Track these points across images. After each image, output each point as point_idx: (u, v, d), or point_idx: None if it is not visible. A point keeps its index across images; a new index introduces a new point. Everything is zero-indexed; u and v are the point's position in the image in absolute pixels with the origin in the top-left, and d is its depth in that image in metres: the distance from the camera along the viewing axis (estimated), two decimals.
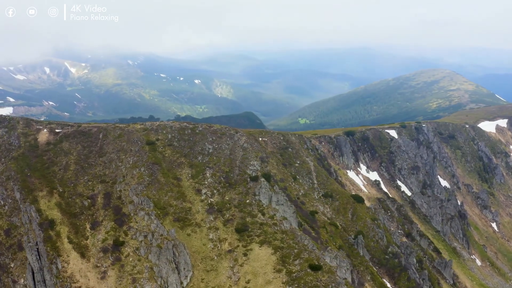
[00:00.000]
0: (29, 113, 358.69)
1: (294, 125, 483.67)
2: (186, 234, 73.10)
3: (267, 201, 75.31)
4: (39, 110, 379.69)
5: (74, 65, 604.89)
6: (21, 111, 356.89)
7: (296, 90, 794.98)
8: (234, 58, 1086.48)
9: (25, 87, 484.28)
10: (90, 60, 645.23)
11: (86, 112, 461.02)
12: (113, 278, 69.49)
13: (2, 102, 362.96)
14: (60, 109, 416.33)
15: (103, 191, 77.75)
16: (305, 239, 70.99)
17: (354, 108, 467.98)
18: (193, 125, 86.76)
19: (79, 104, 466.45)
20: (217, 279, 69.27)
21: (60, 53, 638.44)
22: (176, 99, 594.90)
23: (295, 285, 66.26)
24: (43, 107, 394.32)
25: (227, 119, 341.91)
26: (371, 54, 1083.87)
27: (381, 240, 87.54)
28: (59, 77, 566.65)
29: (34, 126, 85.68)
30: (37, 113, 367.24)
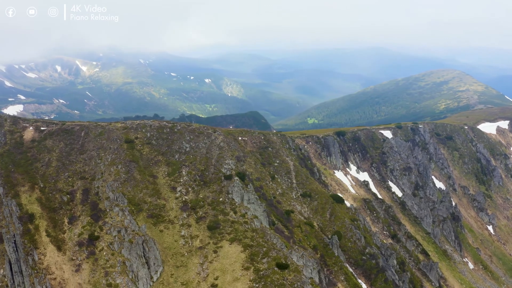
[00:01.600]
0: (39, 110, 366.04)
1: (302, 125, 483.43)
2: (159, 230, 74.72)
3: (240, 199, 76.49)
4: (49, 108, 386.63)
5: (85, 63, 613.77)
6: (31, 108, 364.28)
7: (307, 90, 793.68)
8: (246, 58, 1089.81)
9: (36, 85, 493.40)
10: (101, 59, 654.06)
11: (96, 110, 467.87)
12: (87, 271, 71.46)
13: (12, 100, 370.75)
14: (70, 107, 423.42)
15: (82, 187, 79.87)
16: (274, 237, 71.94)
17: (363, 108, 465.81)
18: (172, 124, 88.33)
19: (90, 102, 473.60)
20: (186, 275, 70.71)
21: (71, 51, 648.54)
22: (185, 98, 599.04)
23: (261, 283, 67.31)
24: (53, 105, 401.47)
25: (232, 118, 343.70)
26: (384, 54, 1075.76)
27: (359, 241, 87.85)
28: (70, 76, 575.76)
29: (21, 124, 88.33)
30: (47, 111, 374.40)
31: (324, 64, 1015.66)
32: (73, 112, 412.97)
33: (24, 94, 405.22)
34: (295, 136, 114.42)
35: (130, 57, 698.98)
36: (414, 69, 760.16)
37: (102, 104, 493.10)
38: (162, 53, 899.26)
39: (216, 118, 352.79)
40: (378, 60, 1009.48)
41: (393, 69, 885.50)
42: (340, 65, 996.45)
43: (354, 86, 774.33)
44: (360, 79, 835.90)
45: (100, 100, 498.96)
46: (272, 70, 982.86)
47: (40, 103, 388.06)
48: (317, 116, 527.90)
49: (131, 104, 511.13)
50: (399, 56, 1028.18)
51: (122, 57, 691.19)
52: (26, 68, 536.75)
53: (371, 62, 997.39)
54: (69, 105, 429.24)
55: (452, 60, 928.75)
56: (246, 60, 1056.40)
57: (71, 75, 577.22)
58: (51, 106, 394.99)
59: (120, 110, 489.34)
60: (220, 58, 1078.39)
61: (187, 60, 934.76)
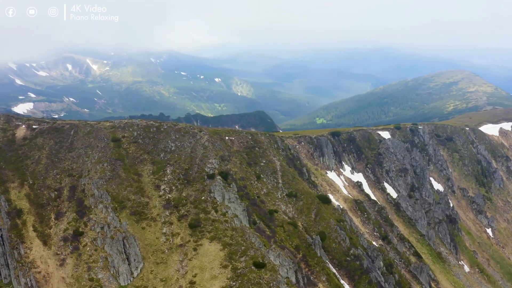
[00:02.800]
0: (49, 108, 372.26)
1: (310, 125, 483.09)
2: (141, 228, 76.16)
3: (221, 198, 77.52)
4: (59, 106, 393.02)
5: (96, 62, 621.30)
6: (42, 106, 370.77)
7: (317, 90, 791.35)
8: (256, 57, 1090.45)
9: (47, 83, 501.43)
10: (112, 58, 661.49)
11: (106, 108, 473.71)
12: (70, 266, 73.33)
13: (23, 98, 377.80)
14: (80, 105, 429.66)
15: (69, 184, 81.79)
16: (252, 237, 72.81)
17: (371, 109, 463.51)
18: (159, 123, 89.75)
19: (99, 101, 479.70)
20: (165, 272, 72.02)
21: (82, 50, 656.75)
22: (195, 97, 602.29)
23: (238, 281, 68.31)
24: (63, 103, 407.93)
25: (238, 117, 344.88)
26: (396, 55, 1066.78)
27: (343, 242, 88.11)
28: (80, 74, 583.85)
29: (14, 122, 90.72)
30: (57, 109, 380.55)
31: (335, 64, 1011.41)
32: (82, 110, 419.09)
33: (34, 92, 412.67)
34: (286, 136, 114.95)
35: (140, 56, 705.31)
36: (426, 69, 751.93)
37: (112, 103, 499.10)
38: (173, 52, 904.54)
39: (222, 117, 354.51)
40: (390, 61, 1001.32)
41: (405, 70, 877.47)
42: (352, 65, 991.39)
43: (365, 86, 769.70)
44: (371, 79, 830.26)
45: (110, 99, 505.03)
46: (283, 69, 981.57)
47: (50, 101, 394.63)
48: (325, 116, 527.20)
49: (140, 103, 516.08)
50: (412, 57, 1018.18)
51: (133, 56, 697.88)
52: (37, 67, 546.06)
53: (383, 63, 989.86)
54: (79, 103, 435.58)
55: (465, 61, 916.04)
56: (256, 60, 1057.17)
57: (81, 73, 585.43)
58: (61, 104, 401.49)
59: (129, 108, 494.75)
60: (231, 58, 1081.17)
61: (197, 59, 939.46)
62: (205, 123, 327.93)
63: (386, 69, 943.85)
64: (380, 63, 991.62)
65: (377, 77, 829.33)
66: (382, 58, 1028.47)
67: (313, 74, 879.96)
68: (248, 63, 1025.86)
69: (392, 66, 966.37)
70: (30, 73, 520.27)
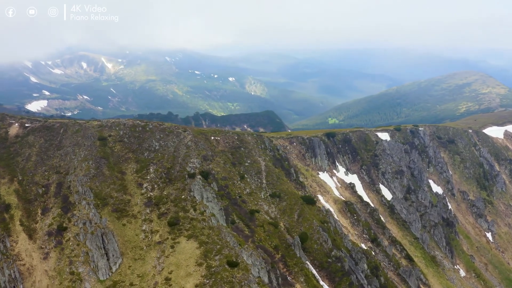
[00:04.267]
0: (63, 106, 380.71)
1: (322, 125, 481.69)
2: (122, 224, 78.16)
3: (200, 197, 78.95)
4: (73, 104, 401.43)
5: (111, 60, 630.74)
6: (55, 104, 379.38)
7: (331, 90, 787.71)
8: (271, 57, 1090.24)
9: (62, 81, 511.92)
10: (127, 56, 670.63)
11: (120, 107, 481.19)
12: (53, 259, 75.81)
13: (37, 95, 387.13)
14: (93, 103, 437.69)
15: (56, 181, 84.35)
16: (228, 236, 74.02)
17: (384, 109, 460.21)
18: (145, 123, 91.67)
19: (113, 99, 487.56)
20: (143, 268, 73.82)
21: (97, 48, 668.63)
22: (208, 96, 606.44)
23: (212, 279, 69.68)
24: (77, 101, 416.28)
25: (246, 117, 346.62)
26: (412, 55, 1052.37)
27: (325, 243, 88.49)
28: (95, 72, 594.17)
29: (8, 120, 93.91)
30: (70, 107, 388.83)
31: (350, 63, 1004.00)
32: (96, 108, 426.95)
33: (49, 90, 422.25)
34: (277, 137, 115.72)
35: (155, 54, 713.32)
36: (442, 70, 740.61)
37: (125, 101, 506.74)
38: (189, 51, 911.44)
39: (231, 116, 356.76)
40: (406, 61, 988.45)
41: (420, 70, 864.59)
42: (367, 65, 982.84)
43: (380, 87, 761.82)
44: (386, 79, 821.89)
45: (123, 97, 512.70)
46: (298, 69, 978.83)
47: (64, 99, 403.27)
48: (338, 117, 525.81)
49: (153, 101, 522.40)
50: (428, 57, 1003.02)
51: (148, 55, 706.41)
52: (52, 65, 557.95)
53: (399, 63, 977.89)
54: (92, 101, 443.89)
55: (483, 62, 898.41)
56: (271, 59, 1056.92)
57: (96, 72, 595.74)
58: (75, 102, 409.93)
59: (143, 107, 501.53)
60: (246, 57, 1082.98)
61: (212, 58, 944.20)
62: (214, 122, 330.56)
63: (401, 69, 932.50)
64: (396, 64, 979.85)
65: (392, 78, 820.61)
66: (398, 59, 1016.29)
67: (328, 74, 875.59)
68: (263, 62, 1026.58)
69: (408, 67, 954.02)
70: (45, 71, 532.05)
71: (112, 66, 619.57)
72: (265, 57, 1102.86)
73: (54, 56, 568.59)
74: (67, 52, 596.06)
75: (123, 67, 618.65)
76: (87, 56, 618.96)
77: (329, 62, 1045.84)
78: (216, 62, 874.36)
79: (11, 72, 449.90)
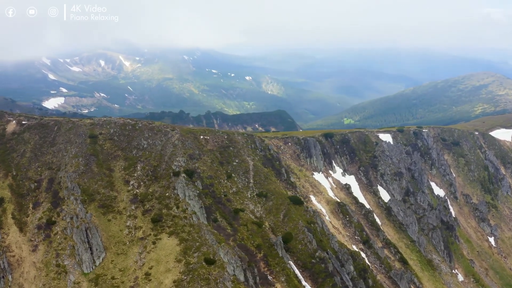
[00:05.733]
0: (79, 103, 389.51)
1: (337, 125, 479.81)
2: (107, 220, 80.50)
3: (183, 195, 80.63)
4: (90, 101, 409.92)
5: (128, 58, 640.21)
6: (72, 101, 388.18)
7: (349, 90, 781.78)
8: (289, 56, 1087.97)
9: (80, 78, 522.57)
10: (145, 55, 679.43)
11: (136, 104, 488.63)
12: (41, 252, 78.88)
13: (54, 93, 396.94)
14: (110, 101, 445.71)
15: (48, 177, 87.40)
16: (207, 233, 75.45)
17: (399, 110, 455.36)
18: (135, 121, 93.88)
19: (130, 97, 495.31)
20: (125, 262, 75.99)
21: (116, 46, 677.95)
22: (224, 95, 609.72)
23: (189, 275, 71.36)
24: (94, 99, 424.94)
25: (258, 116, 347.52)
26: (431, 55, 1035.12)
27: (310, 244, 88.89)
28: (113, 70, 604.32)
29: (6, 117, 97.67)
30: (87, 104, 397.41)
31: (369, 63, 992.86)
32: (112, 105, 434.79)
33: (66, 87, 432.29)
34: (271, 137, 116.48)
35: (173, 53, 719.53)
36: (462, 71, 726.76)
37: (142, 99, 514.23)
38: (207, 50, 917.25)
39: (242, 115, 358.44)
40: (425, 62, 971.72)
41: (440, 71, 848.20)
42: (385, 65, 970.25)
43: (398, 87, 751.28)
44: (405, 80, 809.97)
45: (140, 95, 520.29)
46: (316, 68, 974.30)
47: (81, 96, 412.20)
48: (353, 117, 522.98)
49: (170, 99, 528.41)
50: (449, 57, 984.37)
51: (166, 53, 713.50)
52: (70, 62, 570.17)
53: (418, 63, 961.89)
54: (109, 99, 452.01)
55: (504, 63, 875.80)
56: (289, 59, 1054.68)
57: (114, 70, 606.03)
58: (92, 99, 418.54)
59: (159, 105, 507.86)
60: (264, 56, 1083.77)
61: (230, 57, 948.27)
62: (225, 121, 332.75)
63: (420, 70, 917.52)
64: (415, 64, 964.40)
65: (411, 78, 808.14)
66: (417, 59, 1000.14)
67: (346, 74, 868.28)
68: (281, 61, 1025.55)
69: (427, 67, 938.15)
70: (63, 68, 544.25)
71: (130, 64, 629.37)
72: (283, 56, 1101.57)
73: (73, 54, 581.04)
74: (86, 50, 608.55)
75: (140, 65, 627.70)
76: (105, 54, 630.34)
77: (348, 62, 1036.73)
78: (234, 61, 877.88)
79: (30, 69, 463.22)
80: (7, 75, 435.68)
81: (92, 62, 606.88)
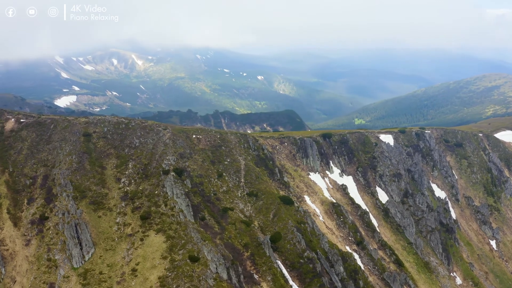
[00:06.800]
0: (91, 102, 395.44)
1: (348, 125, 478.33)
2: (97, 216, 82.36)
3: (171, 193, 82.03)
4: (101, 100, 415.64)
5: (141, 57, 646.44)
6: (84, 99, 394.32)
7: (361, 90, 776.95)
8: (303, 56, 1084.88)
9: (92, 77, 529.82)
10: (158, 54, 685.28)
11: (148, 103, 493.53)
12: (34, 246, 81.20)
13: (67, 91, 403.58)
14: (122, 99, 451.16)
15: (43, 173, 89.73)
16: (193, 231, 76.63)
17: (410, 111, 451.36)
18: (128, 120, 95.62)
19: (142, 96, 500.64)
20: (112, 258, 77.69)
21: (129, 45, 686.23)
22: (236, 94, 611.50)
23: (174, 272, 72.69)
24: (106, 97, 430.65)
25: (266, 116, 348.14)
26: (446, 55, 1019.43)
27: (299, 244, 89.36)
28: (125, 69, 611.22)
29: (5, 115, 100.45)
30: (99, 102, 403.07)
31: (384, 63, 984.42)
32: (124, 104, 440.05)
33: (79, 86, 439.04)
34: (267, 137, 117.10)
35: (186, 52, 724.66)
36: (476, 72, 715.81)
37: (154, 98, 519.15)
38: (220, 49, 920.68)
39: (250, 115, 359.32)
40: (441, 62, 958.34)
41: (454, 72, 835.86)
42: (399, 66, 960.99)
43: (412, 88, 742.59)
44: (419, 80, 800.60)
45: (152, 94, 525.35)
46: (329, 68, 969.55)
47: (93, 94, 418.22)
48: (365, 118, 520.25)
49: (181, 98, 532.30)
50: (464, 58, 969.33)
51: (180, 52, 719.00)
52: (83, 61, 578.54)
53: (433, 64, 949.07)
54: (121, 97, 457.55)
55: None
56: (303, 58, 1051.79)
57: (126, 68, 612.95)
58: (104, 98, 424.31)
59: (171, 104, 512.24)
60: (277, 56, 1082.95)
61: (243, 56, 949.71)
62: (233, 120, 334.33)
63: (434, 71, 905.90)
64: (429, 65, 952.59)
65: (425, 79, 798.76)
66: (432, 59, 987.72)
67: (359, 74, 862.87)
68: (294, 61, 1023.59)
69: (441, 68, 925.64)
70: (76, 67, 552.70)
71: (142, 63, 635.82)
72: (298, 56, 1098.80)
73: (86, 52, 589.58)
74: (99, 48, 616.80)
75: (152, 64, 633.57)
76: (118, 53, 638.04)
77: (362, 62, 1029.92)
78: (246, 61, 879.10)
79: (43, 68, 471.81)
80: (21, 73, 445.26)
81: (105, 60, 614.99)
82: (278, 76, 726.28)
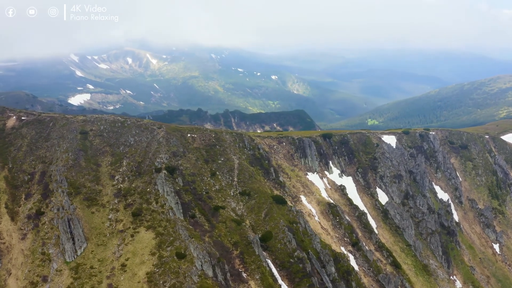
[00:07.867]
0: (105, 100, 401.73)
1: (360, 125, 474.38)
2: (91, 212, 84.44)
3: (162, 191, 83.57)
4: (115, 98, 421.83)
5: (155, 56, 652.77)
6: (98, 98, 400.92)
7: (376, 91, 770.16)
8: (318, 56, 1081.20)
9: (107, 75, 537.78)
10: (173, 53, 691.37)
11: (161, 102, 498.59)
12: (29, 240, 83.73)
13: (81, 89, 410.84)
14: (136, 98, 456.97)
15: (41, 170, 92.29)
16: (181, 229, 77.94)
17: (423, 112, 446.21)
18: (124, 119, 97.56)
19: (155, 94, 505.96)
20: (103, 253, 79.61)
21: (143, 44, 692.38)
22: (249, 93, 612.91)
23: (161, 268, 74.23)
24: (120, 95, 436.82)
25: (276, 116, 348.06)
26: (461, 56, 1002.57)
27: (289, 243, 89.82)
28: (140, 68, 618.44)
29: (7, 113, 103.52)
30: (113, 101, 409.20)
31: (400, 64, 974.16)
32: (138, 103, 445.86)
33: (93, 84, 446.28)
34: (264, 136, 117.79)
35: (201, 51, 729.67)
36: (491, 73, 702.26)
37: (167, 97, 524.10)
38: (235, 49, 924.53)
39: (260, 115, 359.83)
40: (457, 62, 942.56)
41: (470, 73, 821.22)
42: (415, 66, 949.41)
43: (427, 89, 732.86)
44: (434, 81, 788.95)
45: (166, 93, 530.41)
46: (345, 69, 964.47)
47: (107, 93, 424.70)
48: (378, 118, 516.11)
49: (194, 97, 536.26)
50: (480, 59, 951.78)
51: (195, 52, 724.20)
52: (98, 59, 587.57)
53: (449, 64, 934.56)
54: (135, 96, 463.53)
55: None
56: (318, 58, 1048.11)
57: (141, 67, 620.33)
58: (117, 96, 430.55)
59: (184, 103, 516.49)
60: (292, 55, 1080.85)
61: (258, 56, 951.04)
62: (243, 119, 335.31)
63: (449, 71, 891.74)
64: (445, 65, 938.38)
65: (441, 79, 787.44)
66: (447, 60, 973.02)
67: (375, 74, 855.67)
68: (309, 61, 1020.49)
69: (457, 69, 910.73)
70: (91, 65, 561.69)
71: (157, 62, 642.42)
72: (314, 56, 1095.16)
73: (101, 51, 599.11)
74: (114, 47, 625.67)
75: (167, 63, 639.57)
76: (133, 52, 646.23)
77: (377, 62, 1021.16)
78: (261, 61, 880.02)
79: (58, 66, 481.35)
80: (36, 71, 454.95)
81: (120, 59, 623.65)
82: (292, 75, 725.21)
